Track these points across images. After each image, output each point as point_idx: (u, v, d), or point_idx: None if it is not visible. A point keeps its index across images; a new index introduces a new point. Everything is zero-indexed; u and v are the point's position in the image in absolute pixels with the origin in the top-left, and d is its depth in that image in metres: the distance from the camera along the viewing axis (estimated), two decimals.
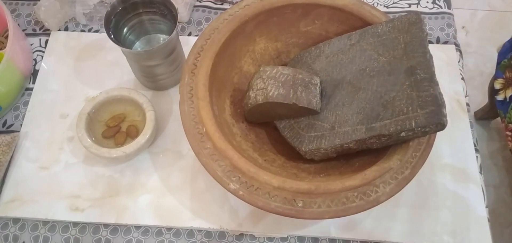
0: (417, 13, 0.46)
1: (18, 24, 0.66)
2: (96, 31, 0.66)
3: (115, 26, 0.53)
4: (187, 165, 0.55)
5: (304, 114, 0.48)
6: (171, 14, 0.53)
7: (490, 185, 1.12)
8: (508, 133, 0.94)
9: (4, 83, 0.56)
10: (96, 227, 0.52)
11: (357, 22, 0.51)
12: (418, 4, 0.69)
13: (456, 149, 0.56)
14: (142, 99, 0.54)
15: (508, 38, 0.97)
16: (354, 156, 0.47)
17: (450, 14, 0.68)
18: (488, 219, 0.51)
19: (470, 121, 0.58)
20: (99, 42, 0.64)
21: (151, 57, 0.53)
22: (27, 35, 0.66)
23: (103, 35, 0.65)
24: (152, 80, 0.58)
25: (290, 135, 0.49)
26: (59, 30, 0.66)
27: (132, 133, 0.55)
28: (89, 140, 0.51)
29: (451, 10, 0.68)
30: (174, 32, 0.51)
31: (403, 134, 0.41)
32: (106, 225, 0.52)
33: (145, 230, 0.52)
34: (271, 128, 0.52)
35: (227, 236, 0.51)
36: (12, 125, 0.59)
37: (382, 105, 0.43)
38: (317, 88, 0.48)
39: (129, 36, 0.57)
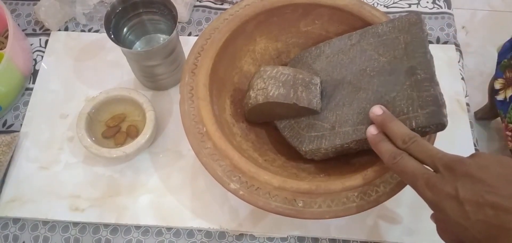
0: (418, 13, 0.46)
1: (18, 24, 0.66)
2: (96, 31, 0.66)
3: (115, 26, 0.53)
4: (187, 165, 0.55)
5: (304, 114, 0.48)
6: (171, 14, 0.53)
7: None
8: (508, 133, 0.94)
9: (4, 83, 0.56)
10: (96, 227, 0.52)
11: (357, 22, 0.51)
12: (418, 4, 0.69)
13: (456, 149, 0.54)
14: (142, 99, 0.54)
15: (508, 38, 0.97)
16: (354, 156, 0.47)
17: (450, 14, 0.68)
18: None
19: (470, 121, 0.58)
20: (99, 42, 0.64)
21: (151, 57, 0.53)
22: (27, 35, 0.66)
23: (103, 35, 0.65)
24: (152, 80, 0.58)
25: (290, 135, 0.49)
26: (59, 30, 0.66)
27: (132, 133, 0.55)
28: (89, 140, 0.51)
29: (451, 10, 0.68)
30: (174, 32, 0.51)
31: None
32: (106, 225, 0.52)
33: (145, 230, 0.52)
34: (271, 128, 0.52)
35: (227, 236, 0.51)
36: (12, 125, 0.59)
37: (382, 105, 0.43)
38: (318, 88, 0.47)
39: (129, 36, 0.57)
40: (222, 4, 0.69)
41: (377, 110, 0.40)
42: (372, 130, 0.40)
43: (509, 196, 0.29)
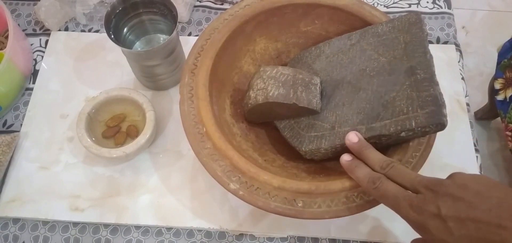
0: (417, 13, 0.46)
1: (18, 24, 0.66)
2: (96, 31, 0.66)
3: (115, 26, 0.53)
4: (187, 165, 0.55)
5: (304, 114, 0.48)
6: (171, 14, 0.53)
7: None
8: (508, 133, 0.94)
9: (4, 83, 0.56)
10: (96, 227, 0.52)
11: (357, 22, 0.51)
12: (418, 4, 0.69)
13: (456, 149, 0.56)
14: (142, 99, 0.54)
15: (508, 38, 0.97)
16: None
17: (450, 14, 0.68)
18: None
19: (470, 121, 0.58)
20: (99, 42, 0.64)
21: (151, 57, 0.53)
22: (27, 35, 0.66)
23: (103, 35, 0.65)
24: (152, 80, 0.58)
25: (290, 135, 0.49)
26: (59, 30, 0.66)
27: (132, 133, 0.55)
28: (89, 140, 0.51)
29: (451, 10, 0.68)
30: (174, 32, 0.51)
31: (403, 134, 0.41)
32: (106, 225, 0.52)
33: (145, 230, 0.52)
34: (271, 128, 0.52)
35: (227, 236, 0.51)
36: (12, 125, 0.59)
37: (382, 105, 0.43)
38: (317, 88, 0.48)
39: (129, 36, 0.57)
40: (222, 4, 0.69)
41: (353, 137, 0.42)
42: (346, 157, 0.42)
43: (488, 210, 0.31)
